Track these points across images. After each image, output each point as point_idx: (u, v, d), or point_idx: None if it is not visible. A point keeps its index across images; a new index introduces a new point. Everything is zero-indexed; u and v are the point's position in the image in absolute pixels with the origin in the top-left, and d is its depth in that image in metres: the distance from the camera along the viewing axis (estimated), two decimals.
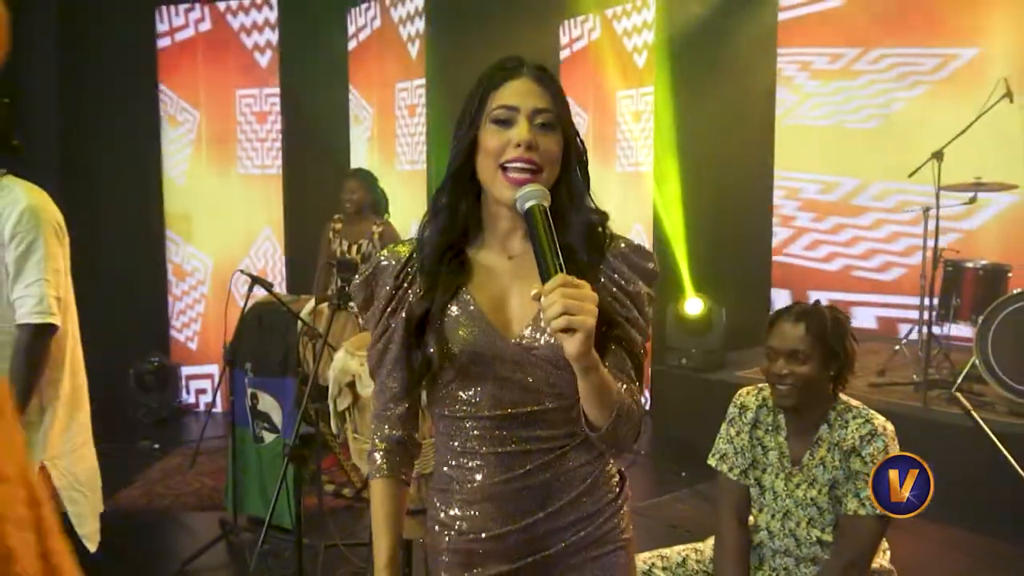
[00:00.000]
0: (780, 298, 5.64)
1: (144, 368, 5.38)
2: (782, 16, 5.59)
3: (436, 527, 1.26)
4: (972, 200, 4.23)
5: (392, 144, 6.01)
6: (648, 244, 4.95)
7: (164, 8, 5.49)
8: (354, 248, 4.05)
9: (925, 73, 5.18)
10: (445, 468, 1.25)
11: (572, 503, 1.21)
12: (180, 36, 5.53)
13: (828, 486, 1.85)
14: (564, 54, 5.78)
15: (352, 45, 6.25)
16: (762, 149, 5.65)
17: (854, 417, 1.84)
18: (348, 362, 2.27)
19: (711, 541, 2.06)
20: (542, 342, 1.15)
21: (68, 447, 2.11)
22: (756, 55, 5.54)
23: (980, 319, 3.88)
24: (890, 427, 1.83)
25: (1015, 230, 4.84)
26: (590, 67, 5.49)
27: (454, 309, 1.18)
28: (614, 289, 1.19)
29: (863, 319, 5.50)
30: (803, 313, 1.87)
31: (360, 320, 3.65)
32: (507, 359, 1.17)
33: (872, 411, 1.86)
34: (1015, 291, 3.87)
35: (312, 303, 3.42)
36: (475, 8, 5.64)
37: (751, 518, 2.00)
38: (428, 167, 5.80)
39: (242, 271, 3.35)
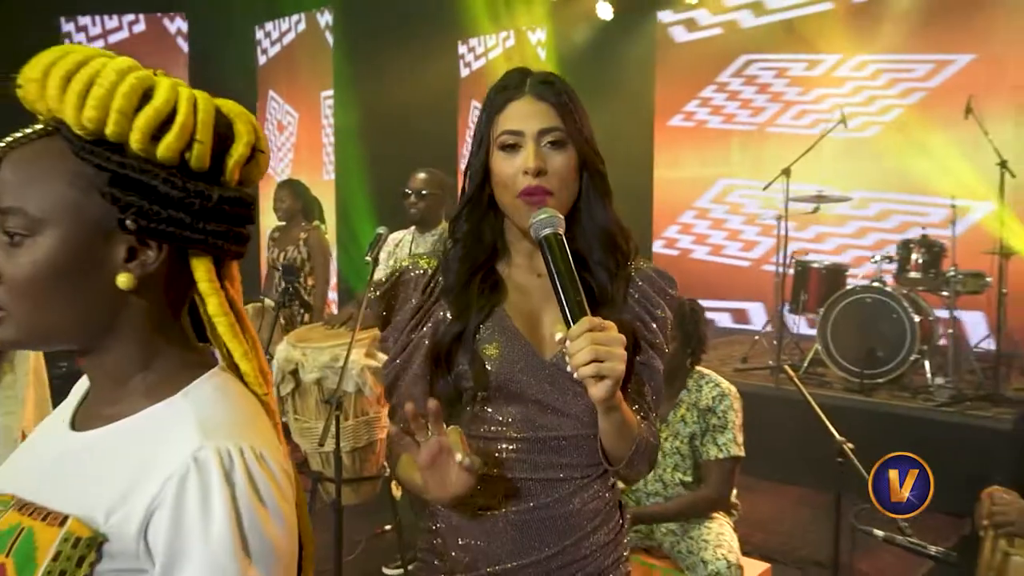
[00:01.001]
0: None
1: (57, 373, 5.38)
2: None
3: (436, 557, 1.19)
4: (816, 210, 4.95)
5: (319, 153, 6.15)
6: None
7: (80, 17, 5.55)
8: (283, 255, 4.20)
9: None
10: None
11: (587, 536, 1.16)
12: (112, 39, 5.60)
13: (688, 437, 2.36)
14: (480, 63, 6.19)
15: (276, 50, 6.36)
16: (643, 160, 6.28)
17: (707, 383, 2.37)
18: (291, 352, 2.61)
19: None
20: None
21: None
22: (639, 74, 6.18)
23: (821, 311, 4.55)
24: (734, 389, 2.37)
25: (849, 234, 5.66)
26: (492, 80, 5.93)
27: (489, 327, 1.14)
28: (642, 312, 1.17)
29: (721, 319, 6.20)
30: None
31: (282, 319, 3.96)
32: (542, 379, 1.13)
33: (720, 377, 2.40)
34: (848, 287, 4.57)
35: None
36: (380, 23, 5.98)
37: None
38: (336, 177, 6.04)
39: None
